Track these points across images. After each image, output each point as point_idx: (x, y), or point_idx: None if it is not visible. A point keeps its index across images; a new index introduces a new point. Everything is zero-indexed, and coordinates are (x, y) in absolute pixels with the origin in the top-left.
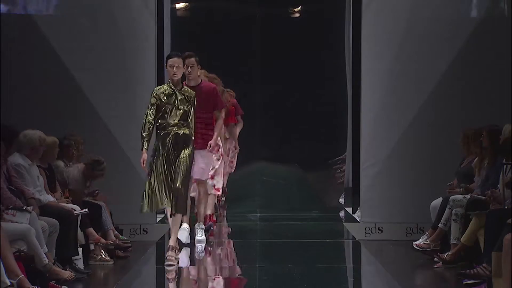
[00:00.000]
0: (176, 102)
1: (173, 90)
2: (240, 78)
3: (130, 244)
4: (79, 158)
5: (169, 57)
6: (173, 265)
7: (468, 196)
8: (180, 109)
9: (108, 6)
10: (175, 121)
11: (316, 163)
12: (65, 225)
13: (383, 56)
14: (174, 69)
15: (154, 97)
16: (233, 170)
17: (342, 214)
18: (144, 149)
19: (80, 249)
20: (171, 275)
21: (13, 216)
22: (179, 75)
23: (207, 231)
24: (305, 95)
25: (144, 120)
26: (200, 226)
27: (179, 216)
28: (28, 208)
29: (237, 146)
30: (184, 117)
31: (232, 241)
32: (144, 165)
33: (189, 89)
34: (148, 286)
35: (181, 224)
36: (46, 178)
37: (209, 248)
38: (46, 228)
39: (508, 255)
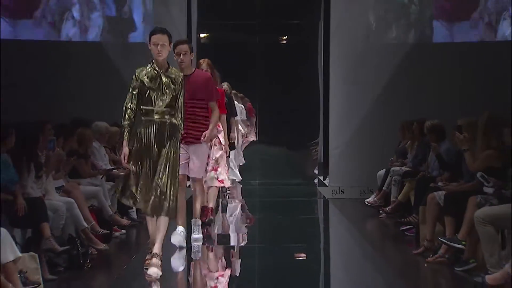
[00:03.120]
0: (161, 85)
1: (157, 72)
2: (247, 86)
3: None
4: None
5: (152, 33)
6: (156, 272)
7: (404, 168)
8: (166, 94)
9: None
10: (162, 108)
11: (298, 145)
12: None
13: (345, 68)
14: (159, 47)
15: (136, 80)
16: (256, 139)
17: (316, 180)
18: (125, 141)
19: None
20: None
21: (91, 179)
22: (164, 55)
23: (208, 225)
24: (291, 98)
25: (124, 107)
26: (196, 222)
27: (164, 219)
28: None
29: (254, 128)
30: (172, 103)
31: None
32: (126, 160)
33: (176, 70)
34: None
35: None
36: (110, 156)
37: (211, 246)
38: (111, 189)
39: (430, 208)
